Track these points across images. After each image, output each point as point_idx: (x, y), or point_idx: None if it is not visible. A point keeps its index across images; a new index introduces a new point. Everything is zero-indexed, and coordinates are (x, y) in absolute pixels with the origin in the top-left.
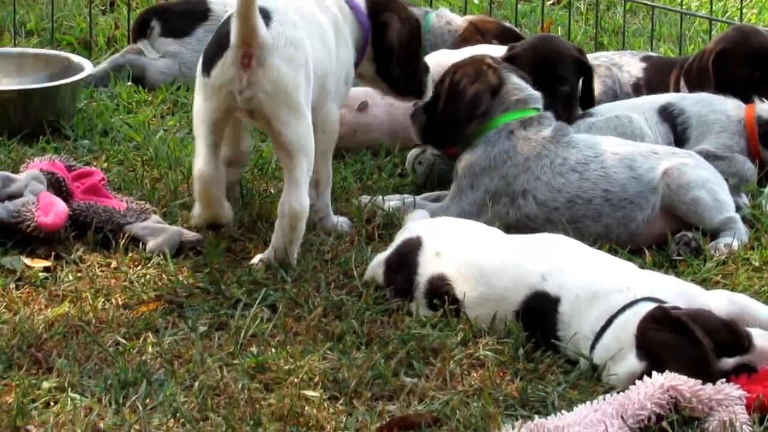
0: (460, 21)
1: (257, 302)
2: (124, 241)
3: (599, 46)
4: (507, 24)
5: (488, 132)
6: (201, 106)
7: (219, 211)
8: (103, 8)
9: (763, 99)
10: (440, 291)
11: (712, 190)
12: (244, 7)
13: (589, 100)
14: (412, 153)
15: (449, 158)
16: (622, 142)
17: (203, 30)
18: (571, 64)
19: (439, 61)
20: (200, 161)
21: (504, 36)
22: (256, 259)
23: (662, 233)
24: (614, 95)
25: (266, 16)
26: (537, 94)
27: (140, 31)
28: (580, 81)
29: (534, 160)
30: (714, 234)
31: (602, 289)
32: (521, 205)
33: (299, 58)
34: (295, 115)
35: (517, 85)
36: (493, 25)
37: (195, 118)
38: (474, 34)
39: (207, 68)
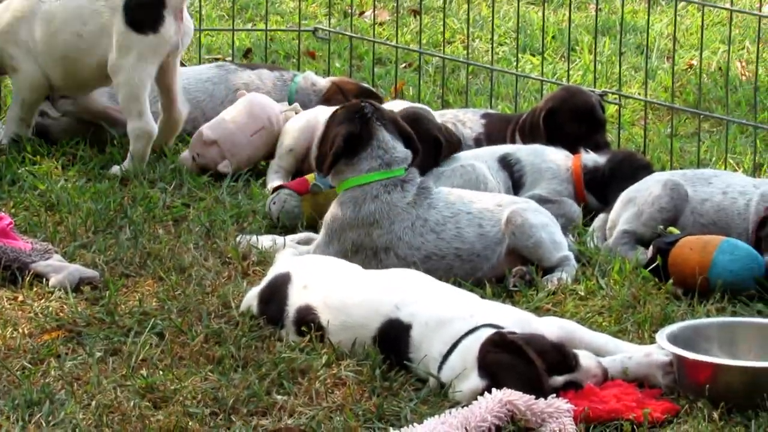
0: (324, 82)
1: (147, 330)
2: (29, 277)
3: (445, 104)
4: (365, 85)
5: (354, 188)
6: (142, 67)
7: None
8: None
9: (588, 150)
10: (307, 319)
11: (551, 233)
12: None
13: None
14: (269, 197)
15: (299, 195)
16: (474, 197)
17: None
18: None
19: (315, 116)
20: (148, 120)
21: (363, 95)
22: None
23: (503, 269)
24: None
25: None
26: (405, 153)
27: None
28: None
29: (397, 224)
30: (549, 270)
31: (448, 316)
32: (382, 259)
33: None
34: None
35: (386, 144)
36: (352, 85)
37: (135, 81)
38: (336, 93)
39: (152, 26)
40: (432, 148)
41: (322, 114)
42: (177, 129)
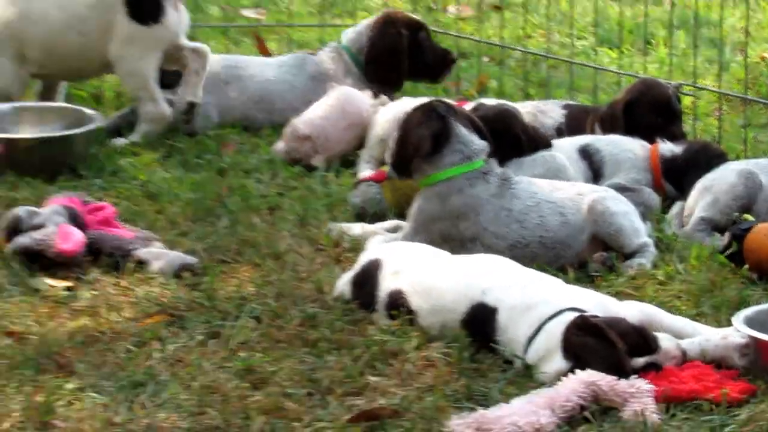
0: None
1: (244, 314)
2: (132, 264)
3: (527, 96)
4: (413, 15)
5: (440, 182)
6: (147, 57)
7: None
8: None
9: (665, 140)
10: (398, 303)
11: (631, 220)
12: None
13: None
14: (351, 192)
15: (379, 185)
16: (555, 187)
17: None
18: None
19: (402, 107)
20: (161, 104)
21: (412, 25)
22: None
23: (586, 256)
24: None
25: None
26: (482, 145)
27: None
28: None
29: (482, 215)
30: (629, 255)
31: (533, 301)
32: (469, 249)
33: None
34: None
35: (464, 138)
36: (402, 15)
37: (142, 72)
38: (386, 24)
39: (153, 17)
40: (513, 144)
41: (408, 105)
42: None
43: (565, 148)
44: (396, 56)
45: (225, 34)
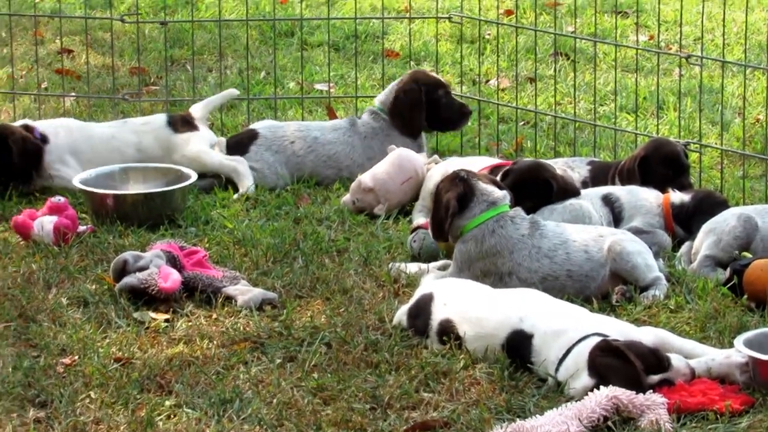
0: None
1: (317, 341)
2: (221, 299)
3: (557, 154)
4: (435, 75)
5: (473, 228)
6: None
7: None
8: None
9: (675, 190)
10: (447, 330)
11: (644, 258)
12: None
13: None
14: (410, 234)
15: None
16: (578, 229)
17: (255, 146)
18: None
19: (452, 164)
20: None
21: (433, 84)
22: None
23: (607, 288)
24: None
25: None
26: (501, 193)
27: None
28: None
29: (516, 252)
30: (644, 288)
31: (563, 327)
32: (507, 282)
33: None
34: None
35: (485, 190)
36: (425, 75)
37: None
38: (410, 82)
39: None
40: (545, 190)
41: (456, 164)
42: None
43: (591, 197)
44: (414, 109)
45: (300, 104)
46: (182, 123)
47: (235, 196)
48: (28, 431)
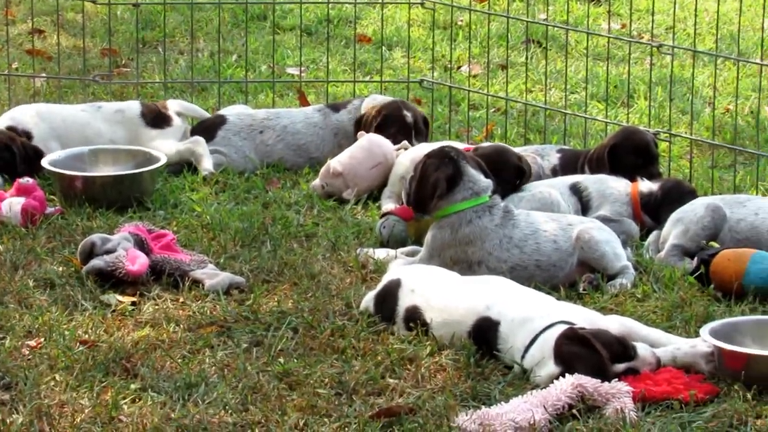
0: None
1: (284, 326)
2: (188, 283)
3: (527, 142)
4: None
5: (452, 214)
6: None
7: None
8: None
9: (644, 179)
10: (414, 317)
11: (613, 247)
12: None
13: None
14: (379, 220)
15: (405, 222)
16: (548, 218)
17: (223, 131)
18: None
19: (421, 150)
20: None
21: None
22: None
23: (575, 277)
24: (538, 176)
25: None
26: (487, 182)
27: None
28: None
29: (488, 242)
30: (612, 276)
31: (530, 315)
32: (476, 270)
33: None
34: None
35: (472, 177)
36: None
37: None
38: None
39: None
40: (515, 175)
41: (424, 149)
42: None
43: (559, 185)
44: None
45: (272, 88)
46: (155, 118)
47: (205, 173)
48: None
